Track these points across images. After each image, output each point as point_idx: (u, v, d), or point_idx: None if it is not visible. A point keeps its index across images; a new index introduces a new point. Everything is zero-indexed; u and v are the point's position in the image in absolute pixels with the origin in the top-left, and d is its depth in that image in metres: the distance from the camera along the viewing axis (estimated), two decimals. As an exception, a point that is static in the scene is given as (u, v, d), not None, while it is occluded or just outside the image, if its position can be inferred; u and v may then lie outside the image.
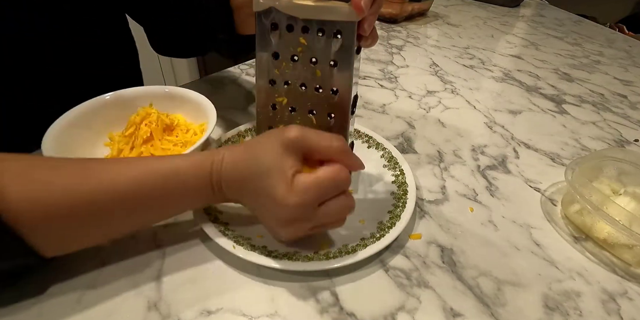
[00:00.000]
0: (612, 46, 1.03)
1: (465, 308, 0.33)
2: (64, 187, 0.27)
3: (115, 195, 0.28)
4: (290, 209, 0.28)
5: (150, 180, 0.29)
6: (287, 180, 0.28)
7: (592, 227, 0.40)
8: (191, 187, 0.30)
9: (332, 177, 0.29)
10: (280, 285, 0.33)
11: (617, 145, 0.59)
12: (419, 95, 0.66)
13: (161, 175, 0.29)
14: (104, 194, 0.28)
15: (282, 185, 0.28)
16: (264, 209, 0.31)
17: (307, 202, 0.28)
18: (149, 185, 0.29)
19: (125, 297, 0.31)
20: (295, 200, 0.28)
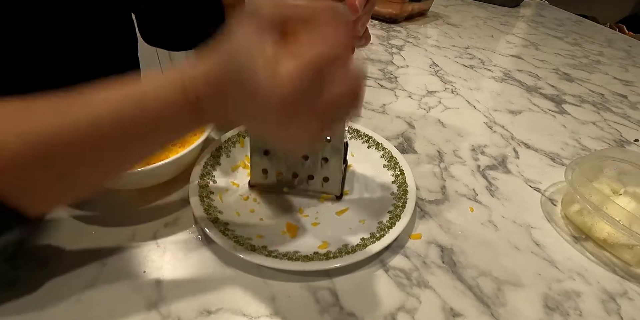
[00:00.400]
0: (612, 46, 1.03)
1: (465, 308, 0.33)
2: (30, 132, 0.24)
3: (93, 124, 0.25)
4: (282, 100, 0.22)
5: (118, 112, 0.25)
6: (269, 67, 0.22)
7: (592, 227, 0.40)
8: (166, 111, 0.26)
9: (325, 50, 0.22)
10: (280, 285, 0.33)
11: (617, 145, 0.59)
12: (419, 95, 0.66)
13: (129, 102, 0.25)
14: (69, 136, 0.25)
15: (266, 75, 0.22)
16: (255, 115, 0.25)
17: (300, 87, 0.22)
18: (117, 118, 0.25)
19: (125, 297, 0.31)
20: (286, 90, 0.22)
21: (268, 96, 0.22)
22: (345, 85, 0.24)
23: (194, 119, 0.27)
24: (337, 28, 0.23)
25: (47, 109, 0.26)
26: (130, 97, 0.26)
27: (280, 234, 0.37)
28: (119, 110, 0.25)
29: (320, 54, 0.22)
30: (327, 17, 0.23)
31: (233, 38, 0.24)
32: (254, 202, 0.40)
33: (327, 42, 0.22)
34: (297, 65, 0.21)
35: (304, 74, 0.22)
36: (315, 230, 0.37)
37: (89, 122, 0.25)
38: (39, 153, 0.25)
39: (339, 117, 0.26)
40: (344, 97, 0.24)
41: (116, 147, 0.27)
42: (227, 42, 0.24)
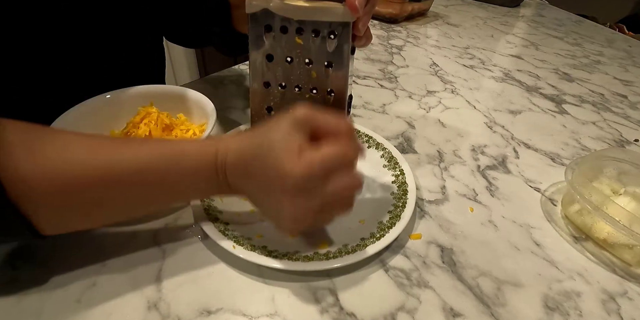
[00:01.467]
0: (612, 46, 1.03)
1: (465, 308, 0.33)
2: (73, 162, 0.27)
3: (121, 173, 0.28)
4: (296, 180, 0.26)
5: (155, 160, 0.29)
6: (293, 152, 0.27)
7: (592, 227, 0.40)
8: (195, 169, 0.30)
9: (340, 153, 0.28)
10: (280, 285, 0.33)
11: (617, 145, 0.59)
12: (419, 95, 0.66)
13: (167, 156, 0.29)
14: (110, 170, 0.27)
15: (288, 157, 0.27)
16: (267, 189, 0.29)
17: (313, 173, 0.27)
18: (154, 165, 0.28)
19: (125, 297, 0.31)
20: (301, 171, 0.26)
21: (284, 176, 0.26)
22: (347, 183, 0.29)
23: (216, 184, 0.31)
24: (352, 143, 0.29)
25: (87, 148, 0.28)
26: (170, 152, 0.29)
27: (280, 234, 0.37)
28: (159, 161, 0.29)
29: (335, 155, 0.27)
30: (348, 134, 0.29)
31: (268, 128, 0.29)
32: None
33: (342, 150, 0.28)
34: (314, 157, 0.27)
35: (318, 165, 0.27)
36: (315, 230, 0.37)
37: (130, 165, 0.28)
38: (78, 187, 0.27)
39: (335, 208, 0.31)
40: (344, 190, 0.29)
41: (145, 192, 0.30)
42: (262, 129, 0.29)
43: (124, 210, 0.31)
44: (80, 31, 0.42)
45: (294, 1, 0.32)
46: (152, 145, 0.30)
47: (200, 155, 0.29)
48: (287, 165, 0.26)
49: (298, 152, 0.27)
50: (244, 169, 0.29)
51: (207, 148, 0.30)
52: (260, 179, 0.29)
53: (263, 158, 0.28)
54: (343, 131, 0.29)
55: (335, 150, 0.27)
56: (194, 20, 0.49)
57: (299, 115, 0.28)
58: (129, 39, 0.49)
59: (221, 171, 0.30)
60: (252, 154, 0.29)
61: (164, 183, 0.30)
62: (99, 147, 0.29)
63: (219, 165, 0.29)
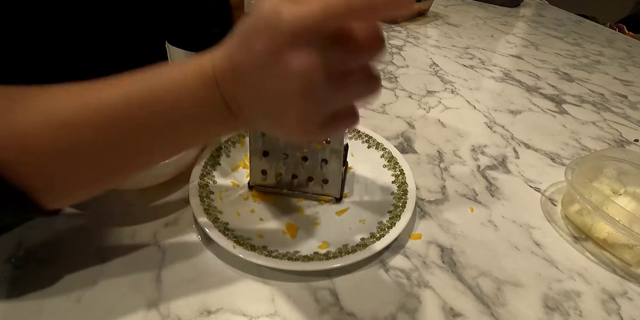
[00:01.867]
0: (612, 46, 1.03)
1: (465, 308, 0.33)
2: (60, 107, 0.24)
3: (101, 117, 0.25)
4: (283, 23, 0.20)
5: (140, 89, 0.25)
6: (277, 5, 0.20)
7: (592, 227, 0.40)
8: (181, 88, 0.25)
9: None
10: (280, 285, 0.33)
11: (617, 145, 0.59)
12: (419, 95, 0.66)
13: (147, 83, 0.25)
14: (88, 117, 0.24)
15: (278, 4, 0.20)
16: (263, 69, 0.22)
17: (315, 18, 0.20)
18: (136, 97, 0.25)
19: (125, 297, 0.31)
20: (288, 10, 0.20)
21: (277, 20, 0.20)
22: (356, 54, 0.22)
23: (210, 103, 0.25)
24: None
25: (70, 94, 0.26)
26: (150, 77, 0.25)
27: (280, 234, 0.37)
28: (132, 94, 0.25)
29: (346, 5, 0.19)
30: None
31: (242, 22, 0.23)
32: (254, 202, 0.40)
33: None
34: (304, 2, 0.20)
35: (307, 10, 0.20)
36: (315, 230, 0.37)
37: (110, 105, 0.25)
38: (63, 137, 0.24)
39: (356, 85, 0.24)
40: (356, 65, 0.23)
41: (138, 134, 0.26)
42: (238, 27, 0.23)
43: (121, 162, 0.27)
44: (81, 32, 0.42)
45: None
46: (130, 78, 0.26)
47: (183, 72, 0.25)
48: (279, 16, 0.20)
49: (284, 3, 0.20)
50: (235, 63, 0.24)
51: (188, 64, 0.25)
52: (253, 60, 0.22)
53: (248, 33, 0.22)
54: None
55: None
56: (195, 20, 0.49)
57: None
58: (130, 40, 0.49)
59: (212, 85, 0.25)
60: (237, 42, 0.23)
61: (153, 117, 0.26)
62: (72, 93, 0.26)
63: (208, 79, 0.25)
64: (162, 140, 0.27)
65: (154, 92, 0.25)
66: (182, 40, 0.58)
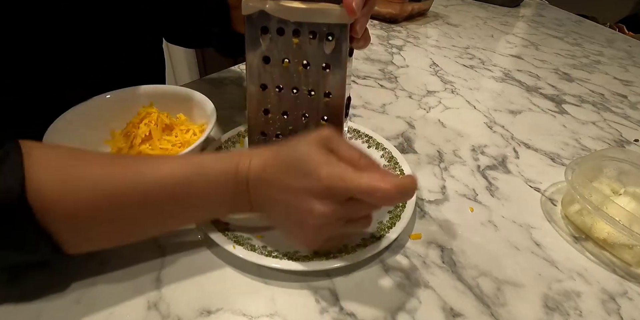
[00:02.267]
0: (612, 46, 1.03)
1: (465, 308, 0.33)
2: (94, 181, 0.27)
3: (140, 191, 0.28)
4: (322, 179, 0.26)
5: (177, 175, 0.29)
6: (323, 161, 0.27)
7: (592, 227, 0.40)
8: (215, 183, 0.29)
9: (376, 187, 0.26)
10: (280, 285, 0.33)
11: (617, 145, 0.59)
12: (419, 95, 0.66)
13: (186, 171, 0.29)
14: (130, 189, 0.28)
15: (320, 163, 0.27)
16: (293, 196, 0.28)
17: (339, 176, 0.26)
18: (175, 180, 0.29)
19: (125, 297, 0.31)
20: (329, 171, 0.26)
21: (318, 179, 0.27)
22: (363, 210, 0.30)
23: (235, 197, 0.30)
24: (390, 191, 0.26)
25: (122, 166, 0.29)
26: (190, 166, 0.29)
27: (280, 234, 0.36)
28: (181, 175, 0.29)
29: (366, 183, 0.26)
30: (376, 169, 0.29)
31: (294, 143, 0.29)
32: (254, 202, 0.40)
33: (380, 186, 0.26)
34: (343, 171, 0.27)
35: (342, 179, 0.26)
36: None
37: (151, 181, 0.28)
38: (104, 208, 0.27)
39: (354, 222, 0.31)
40: (360, 214, 0.30)
41: (170, 212, 0.30)
42: (286, 144, 0.29)
43: (143, 229, 0.31)
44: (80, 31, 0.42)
45: (290, 3, 0.32)
46: (173, 160, 0.30)
47: (221, 171, 0.29)
48: (322, 171, 0.27)
49: (328, 162, 0.27)
50: (270, 181, 0.29)
51: (227, 163, 0.30)
52: (288, 189, 0.28)
53: (293, 167, 0.28)
54: (367, 166, 0.28)
55: (365, 178, 0.26)
56: (193, 20, 0.49)
57: (325, 134, 0.29)
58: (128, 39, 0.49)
59: (242, 186, 0.30)
60: (280, 165, 0.29)
61: (184, 201, 0.30)
62: (119, 165, 0.29)
63: (241, 180, 0.29)
64: (187, 217, 0.32)
65: (194, 180, 0.29)
66: (181, 39, 0.58)
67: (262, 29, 0.34)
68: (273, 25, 0.33)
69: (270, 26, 0.34)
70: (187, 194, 0.29)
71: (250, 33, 0.34)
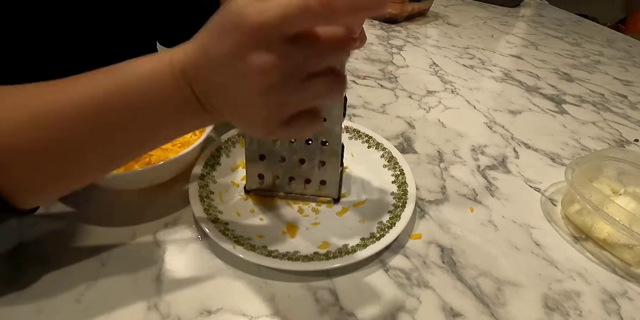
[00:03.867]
0: (612, 46, 1.03)
1: (465, 308, 0.33)
2: (18, 111, 0.24)
3: (75, 114, 0.24)
4: (247, 21, 0.20)
5: (106, 87, 0.25)
6: (244, 4, 0.21)
7: (592, 227, 0.40)
8: (152, 84, 0.25)
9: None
10: (280, 285, 0.33)
11: (617, 145, 0.59)
12: (419, 95, 0.66)
13: (116, 80, 0.25)
14: (56, 113, 0.24)
15: (244, 3, 0.21)
16: (229, 67, 0.23)
17: (267, 6, 0.20)
18: (105, 93, 0.25)
19: (125, 297, 0.31)
20: (254, 7, 0.20)
21: (241, 19, 0.21)
22: (318, 52, 0.22)
23: (181, 97, 0.25)
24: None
25: (41, 92, 0.25)
26: (113, 76, 0.25)
27: (280, 234, 0.37)
28: (101, 90, 0.25)
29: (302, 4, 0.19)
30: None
31: (212, 19, 0.23)
32: (253, 203, 0.40)
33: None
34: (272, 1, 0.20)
35: (270, 9, 0.20)
36: (315, 230, 0.37)
37: (82, 103, 0.24)
38: (35, 137, 0.24)
39: (321, 89, 0.24)
40: (317, 61, 0.23)
41: (111, 130, 0.26)
42: (210, 20, 0.23)
43: (92, 160, 0.27)
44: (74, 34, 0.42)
45: None
46: (99, 73, 0.26)
47: (154, 69, 0.25)
48: (247, 8, 0.20)
49: (251, 3, 0.21)
50: (204, 59, 0.24)
51: (158, 60, 0.25)
52: (220, 57, 0.23)
53: (219, 29, 0.22)
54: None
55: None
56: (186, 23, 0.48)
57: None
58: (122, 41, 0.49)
59: (182, 79, 0.25)
60: (208, 35, 0.24)
61: (123, 113, 0.25)
62: (40, 90, 0.25)
63: (178, 73, 0.25)
64: (135, 136, 0.27)
65: (126, 88, 0.25)
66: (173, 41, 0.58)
67: None
68: None
69: None
70: (125, 107, 0.25)
71: None
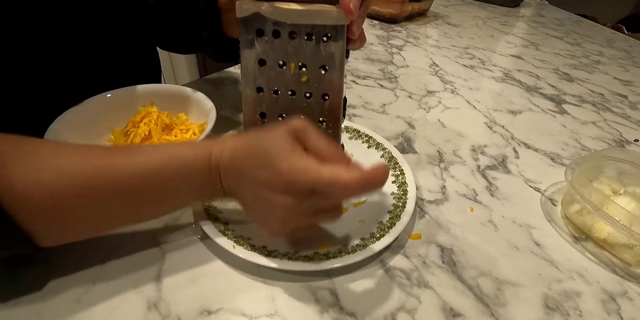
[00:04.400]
0: (612, 46, 1.03)
1: (465, 308, 0.33)
2: (68, 171, 0.27)
3: (114, 180, 0.28)
4: (289, 179, 0.26)
5: (150, 165, 0.29)
6: (288, 154, 0.27)
7: (592, 227, 0.40)
8: (189, 170, 0.30)
9: (340, 183, 0.25)
10: (280, 285, 0.33)
11: (617, 145, 0.59)
12: (419, 95, 0.66)
13: (161, 160, 0.29)
14: (103, 179, 0.27)
15: (284, 157, 0.26)
16: (259, 189, 0.28)
17: (305, 178, 0.26)
18: (148, 170, 0.29)
19: (125, 297, 0.31)
20: (290, 163, 0.26)
21: (278, 174, 0.26)
22: (329, 202, 0.29)
23: (210, 186, 0.31)
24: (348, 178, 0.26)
25: (91, 156, 0.29)
26: (163, 156, 0.30)
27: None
28: (153, 165, 0.29)
29: (328, 175, 0.26)
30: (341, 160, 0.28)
31: (264, 132, 0.29)
32: (254, 202, 0.40)
33: (345, 180, 0.25)
34: (305, 163, 0.26)
35: (303, 172, 0.26)
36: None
37: (124, 172, 0.28)
38: (78, 197, 0.27)
39: (319, 215, 0.30)
40: (327, 205, 0.29)
41: (140, 199, 0.30)
42: (258, 133, 0.29)
43: (119, 219, 0.31)
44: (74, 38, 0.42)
45: (286, 4, 0.31)
46: (146, 150, 0.30)
47: (195, 158, 0.30)
48: (283, 164, 0.26)
49: (292, 154, 0.27)
50: (238, 169, 0.29)
51: (201, 150, 0.30)
52: (252, 179, 0.28)
53: (258, 158, 0.28)
54: (331, 156, 0.28)
55: (331, 170, 0.26)
56: (183, 25, 0.48)
57: (295, 125, 0.28)
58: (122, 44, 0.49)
59: (215, 172, 0.30)
60: (247, 154, 0.29)
61: (159, 188, 0.30)
62: (90, 155, 0.29)
63: (213, 166, 0.30)
64: (163, 205, 0.32)
65: (168, 168, 0.29)
66: (173, 46, 0.58)
67: (257, 32, 0.33)
68: (268, 27, 0.33)
69: (265, 28, 0.33)
70: (161, 181, 0.29)
71: (245, 35, 0.34)
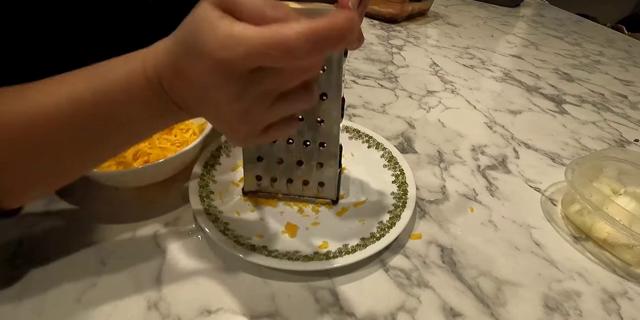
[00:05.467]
0: (612, 46, 1.03)
1: (465, 308, 0.33)
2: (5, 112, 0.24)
3: (53, 118, 0.25)
4: (212, 52, 0.20)
5: (82, 90, 0.25)
6: (212, 20, 0.20)
7: (592, 227, 0.40)
8: (126, 83, 0.25)
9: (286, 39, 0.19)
10: (280, 285, 0.33)
11: (617, 145, 0.59)
12: (419, 95, 0.66)
13: (97, 84, 0.25)
14: (38, 117, 0.25)
15: (206, 28, 0.20)
16: (198, 87, 0.23)
17: (233, 40, 0.20)
18: (82, 95, 0.25)
19: (125, 297, 0.31)
20: (219, 38, 0.20)
21: (205, 53, 0.20)
22: (287, 78, 0.22)
23: (159, 103, 0.26)
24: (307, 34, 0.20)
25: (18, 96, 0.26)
26: (88, 81, 0.25)
27: (280, 233, 0.37)
28: (77, 95, 0.25)
29: (267, 36, 0.19)
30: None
31: (189, 17, 0.23)
32: (253, 203, 0.40)
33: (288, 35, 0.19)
34: (238, 32, 0.19)
35: (236, 43, 0.19)
36: (315, 230, 0.37)
37: (59, 107, 0.25)
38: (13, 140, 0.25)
39: (292, 105, 0.25)
40: (288, 84, 0.23)
41: (89, 132, 0.26)
42: (183, 23, 0.23)
43: (77, 156, 0.28)
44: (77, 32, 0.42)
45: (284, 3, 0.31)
46: (81, 75, 0.26)
47: (128, 75, 0.25)
48: (210, 41, 0.20)
49: (220, 24, 0.20)
50: (176, 69, 0.24)
51: (131, 61, 0.25)
52: (190, 74, 0.23)
53: (185, 44, 0.22)
54: (279, 19, 0.20)
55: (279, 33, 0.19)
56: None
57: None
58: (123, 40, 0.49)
59: (156, 85, 0.25)
60: (176, 46, 0.23)
61: (105, 115, 0.26)
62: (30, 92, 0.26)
63: (151, 77, 0.25)
64: (113, 136, 0.28)
65: (102, 93, 0.25)
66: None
67: None
68: None
69: None
70: (103, 112, 0.25)
71: None
